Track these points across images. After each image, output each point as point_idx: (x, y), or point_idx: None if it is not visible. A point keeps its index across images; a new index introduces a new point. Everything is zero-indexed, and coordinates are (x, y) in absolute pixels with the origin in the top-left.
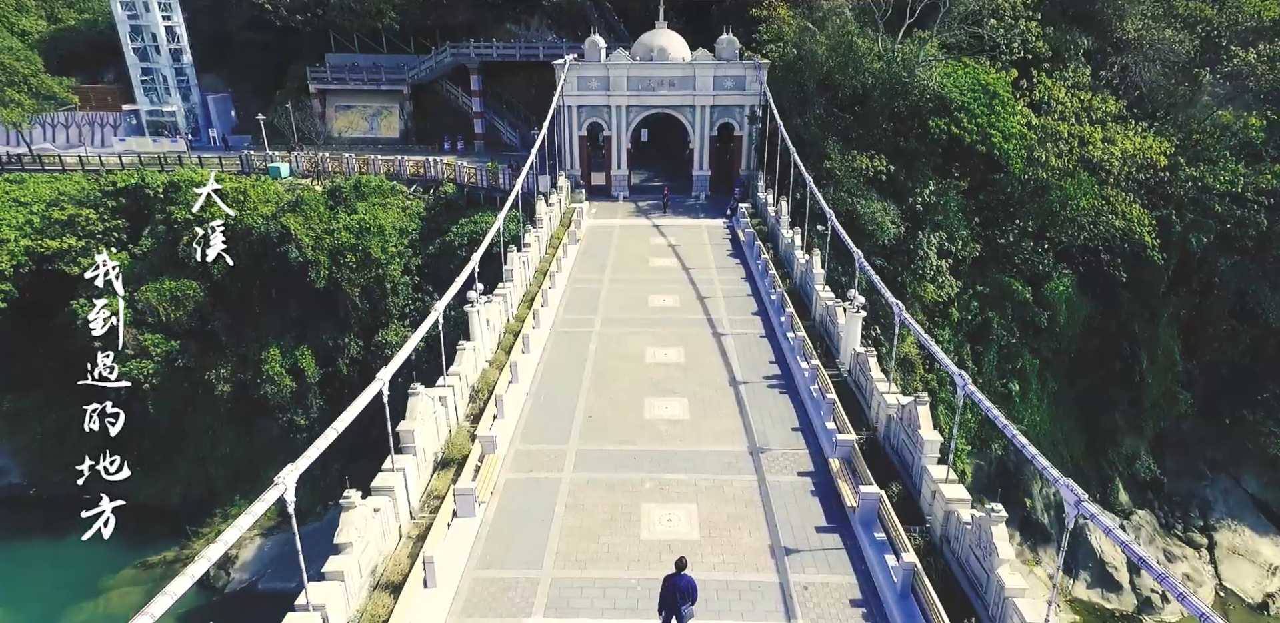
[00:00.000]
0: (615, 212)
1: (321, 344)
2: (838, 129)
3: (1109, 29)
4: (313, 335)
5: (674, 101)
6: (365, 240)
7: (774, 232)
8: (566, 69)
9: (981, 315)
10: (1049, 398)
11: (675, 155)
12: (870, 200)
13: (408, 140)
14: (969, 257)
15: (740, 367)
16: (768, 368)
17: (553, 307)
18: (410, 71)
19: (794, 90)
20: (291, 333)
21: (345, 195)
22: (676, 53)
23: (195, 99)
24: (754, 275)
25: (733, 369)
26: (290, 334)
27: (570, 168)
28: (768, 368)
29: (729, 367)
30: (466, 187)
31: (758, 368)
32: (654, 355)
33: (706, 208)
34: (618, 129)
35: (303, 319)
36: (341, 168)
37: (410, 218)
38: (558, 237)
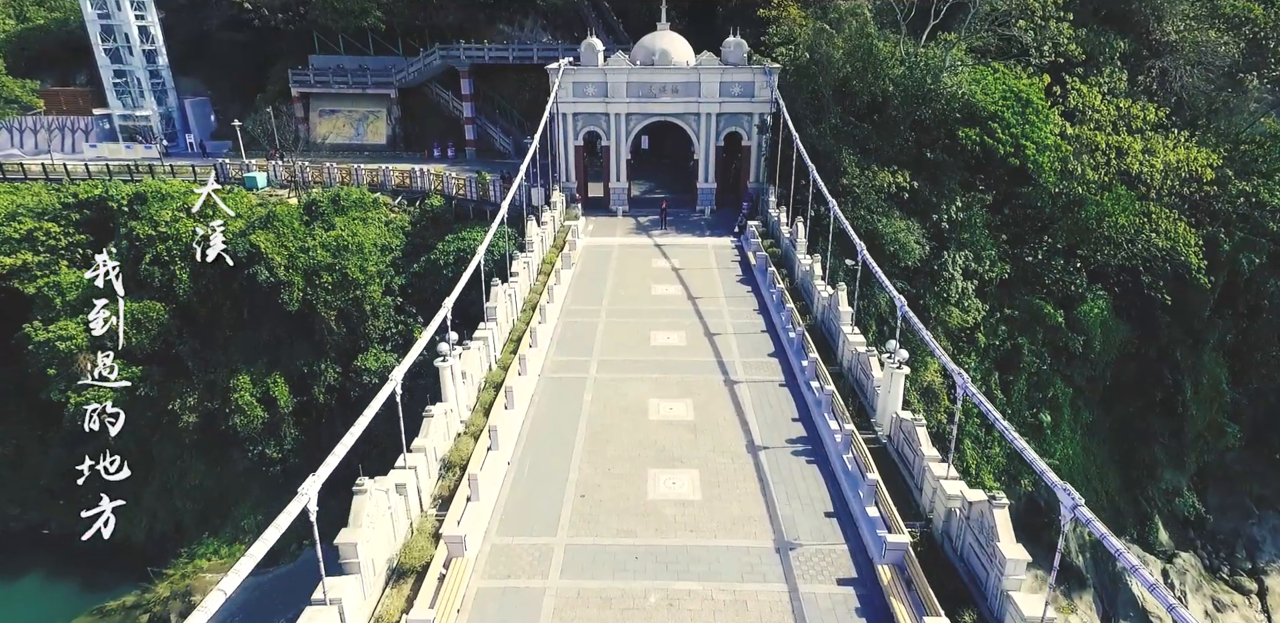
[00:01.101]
0: (614, 228)
1: (296, 370)
2: (855, 139)
3: (1146, 31)
4: (286, 361)
5: (677, 109)
6: (343, 259)
7: (789, 255)
8: (561, 74)
9: (1010, 341)
10: (1082, 429)
11: (678, 164)
12: (892, 218)
13: (395, 147)
14: (996, 277)
15: (759, 426)
16: (791, 428)
17: (542, 347)
18: (398, 74)
19: (807, 97)
20: (263, 358)
21: (322, 209)
22: (680, 56)
23: (171, 103)
24: (768, 306)
25: (750, 430)
26: (262, 360)
27: (565, 180)
28: (791, 428)
29: (746, 426)
30: (455, 199)
31: (779, 428)
32: (658, 410)
33: (712, 224)
34: (616, 138)
35: (276, 343)
36: (322, 178)
37: (394, 233)
38: (550, 260)
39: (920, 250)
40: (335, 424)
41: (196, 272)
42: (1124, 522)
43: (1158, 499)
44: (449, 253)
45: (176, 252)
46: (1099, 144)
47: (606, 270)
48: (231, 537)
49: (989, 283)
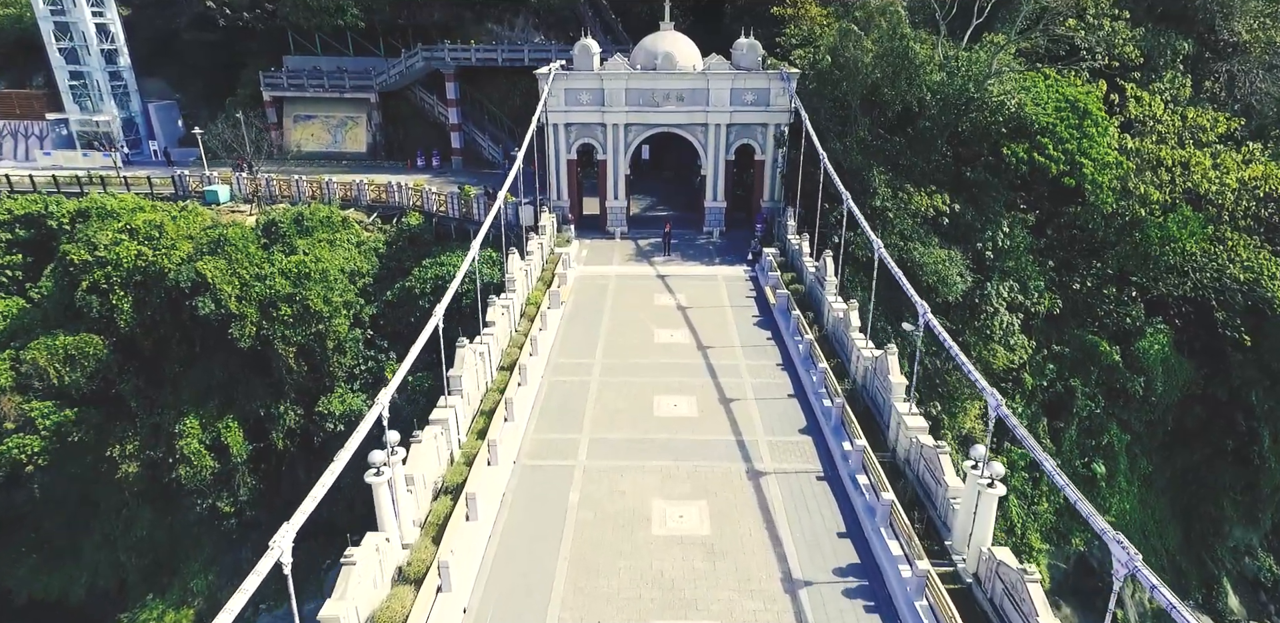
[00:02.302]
0: (611, 253)
1: (252, 412)
2: (885, 155)
3: (1211, 30)
4: (242, 401)
5: (682, 119)
6: (304, 288)
7: (814, 295)
8: (551, 79)
9: (1060, 382)
10: (1140, 481)
11: (682, 177)
12: (930, 246)
13: (376, 155)
14: (1044, 310)
15: (796, 547)
16: (838, 549)
17: (520, 421)
18: (378, 77)
19: (830, 107)
20: (215, 399)
21: (283, 231)
22: (685, 60)
23: (135, 107)
24: (793, 360)
25: (786, 553)
26: (214, 401)
27: (557, 198)
28: (838, 549)
29: (779, 545)
30: (435, 216)
31: (823, 550)
32: (664, 519)
33: (722, 249)
34: (614, 152)
35: (230, 381)
36: (291, 191)
37: (365, 256)
38: (534, 300)
39: (962, 284)
40: (297, 472)
41: (140, 300)
42: (1187, 584)
43: (1226, 560)
44: (425, 280)
45: (117, 278)
46: (1163, 159)
47: (602, 310)
48: (179, 599)
49: (1034, 316)
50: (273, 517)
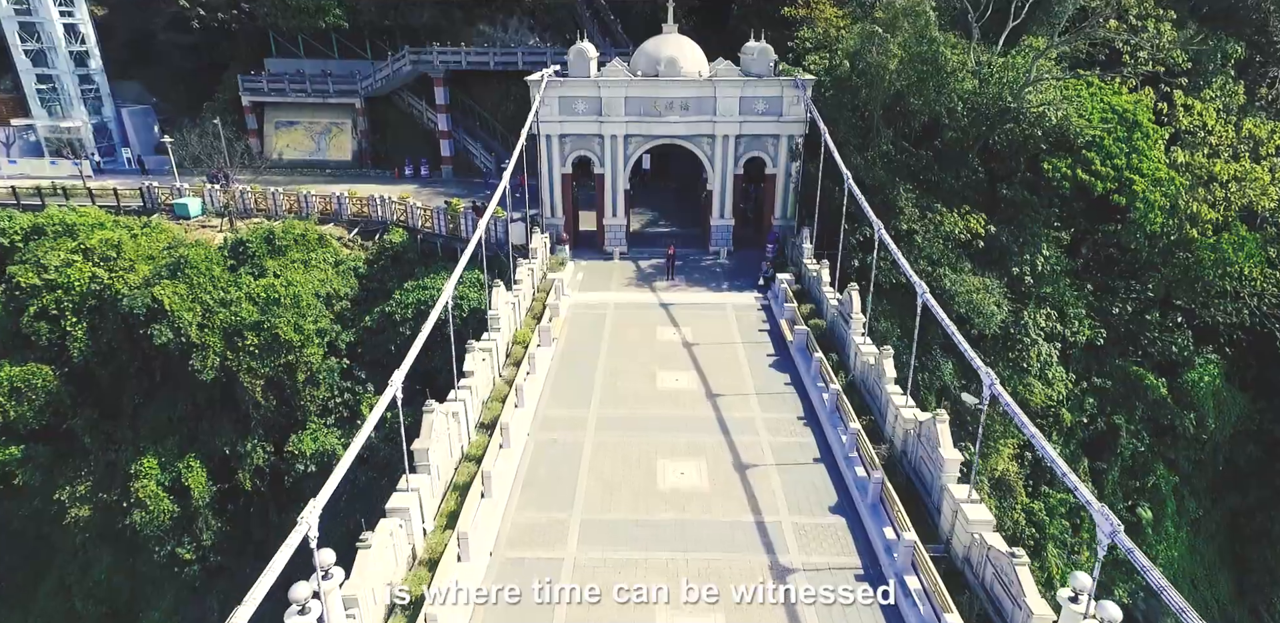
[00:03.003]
0: (609, 277)
1: (216, 449)
2: (910, 170)
3: (1264, 32)
4: (205, 438)
5: (686, 130)
6: (273, 315)
7: (837, 332)
8: (544, 86)
9: (1102, 417)
10: (1188, 525)
11: (686, 187)
12: (962, 272)
13: (362, 163)
14: (1085, 340)
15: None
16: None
17: (499, 499)
18: (363, 81)
19: (849, 117)
20: (177, 434)
21: (251, 251)
22: (690, 65)
23: (108, 112)
24: (817, 413)
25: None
26: (175, 437)
27: (551, 215)
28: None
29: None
30: (421, 233)
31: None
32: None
33: (731, 271)
34: (613, 165)
35: (195, 414)
36: (267, 204)
37: (344, 276)
38: (523, 339)
39: (1000, 315)
40: (267, 513)
41: (95, 327)
42: None
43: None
44: (407, 305)
45: (69, 303)
46: (1216, 174)
47: (599, 348)
48: None
49: (1073, 345)
50: (242, 562)
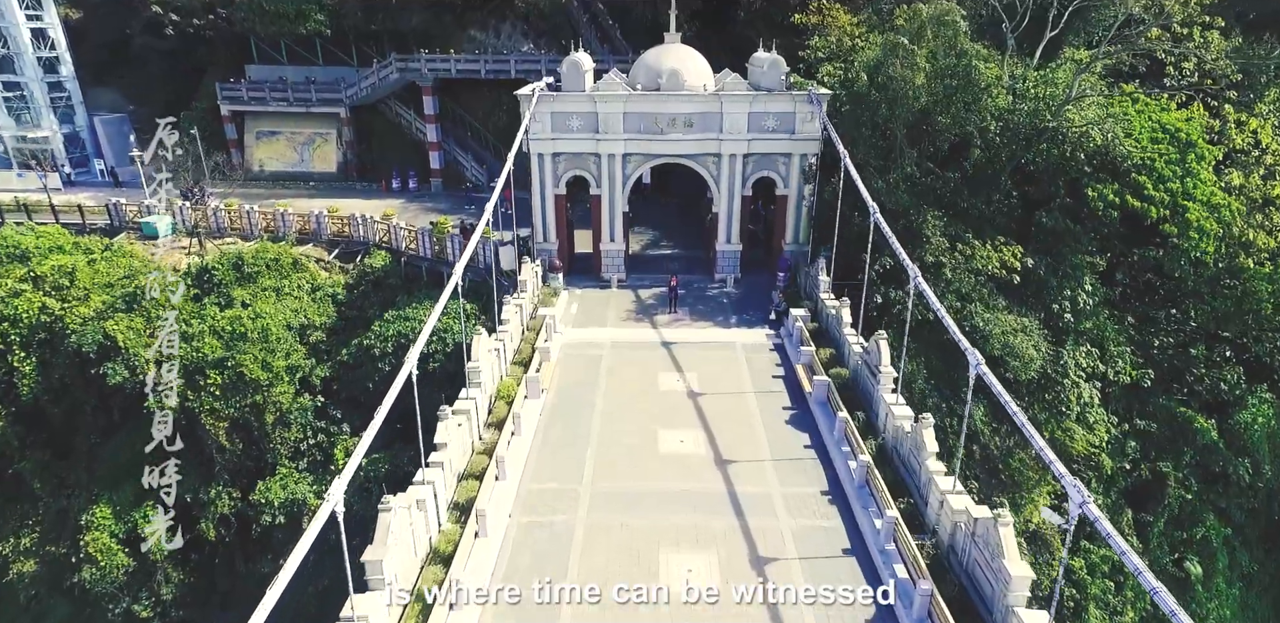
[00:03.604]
0: (606, 308)
1: (178, 496)
2: (936, 194)
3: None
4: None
5: (691, 149)
6: (238, 351)
7: (863, 386)
8: (535, 101)
9: (1146, 463)
10: (1241, 581)
11: (690, 203)
12: (996, 310)
13: (348, 175)
14: (1128, 379)
15: None
16: None
17: (471, 613)
18: (348, 90)
19: (869, 135)
20: (133, 480)
21: (218, 279)
22: (694, 78)
23: (80, 121)
24: (843, 487)
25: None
26: (132, 481)
27: (543, 239)
28: None
29: None
30: (405, 255)
31: None
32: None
33: (738, 303)
34: (610, 186)
35: (154, 457)
36: (241, 223)
37: (320, 304)
38: (507, 393)
39: (1039, 359)
40: (233, 563)
41: (46, 362)
42: None
43: None
44: (387, 338)
45: (16, 337)
46: (1274, 198)
47: (593, 400)
48: None
49: (1113, 383)
50: (206, 614)
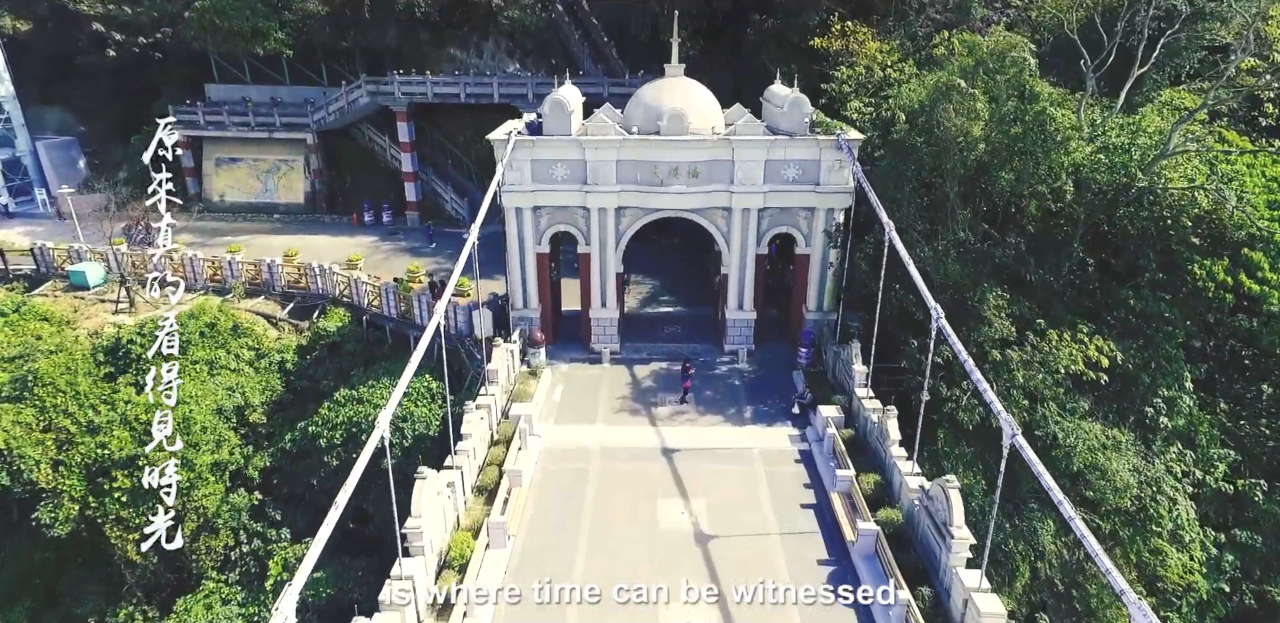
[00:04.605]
0: (596, 394)
1: (79, 619)
2: (995, 264)
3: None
4: (70, 601)
5: (696, 202)
6: (153, 447)
7: (922, 539)
8: (511, 147)
9: (1248, 584)
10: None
11: (691, 244)
12: (1074, 418)
13: (316, 206)
14: (1227, 487)
15: None
16: None
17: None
18: (315, 114)
19: (910, 190)
20: (30, 598)
21: (136, 353)
22: (700, 119)
23: (22, 145)
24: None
25: None
26: (28, 600)
27: (522, 305)
28: None
29: None
30: (367, 313)
31: None
32: None
33: (753, 385)
34: (601, 244)
35: (57, 562)
36: (184, 271)
37: (265, 375)
38: (460, 556)
39: (1134, 487)
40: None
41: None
42: None
43: None
44: (336, 426)
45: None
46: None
47: (574, 547)
48: None
49: (1203, 485)
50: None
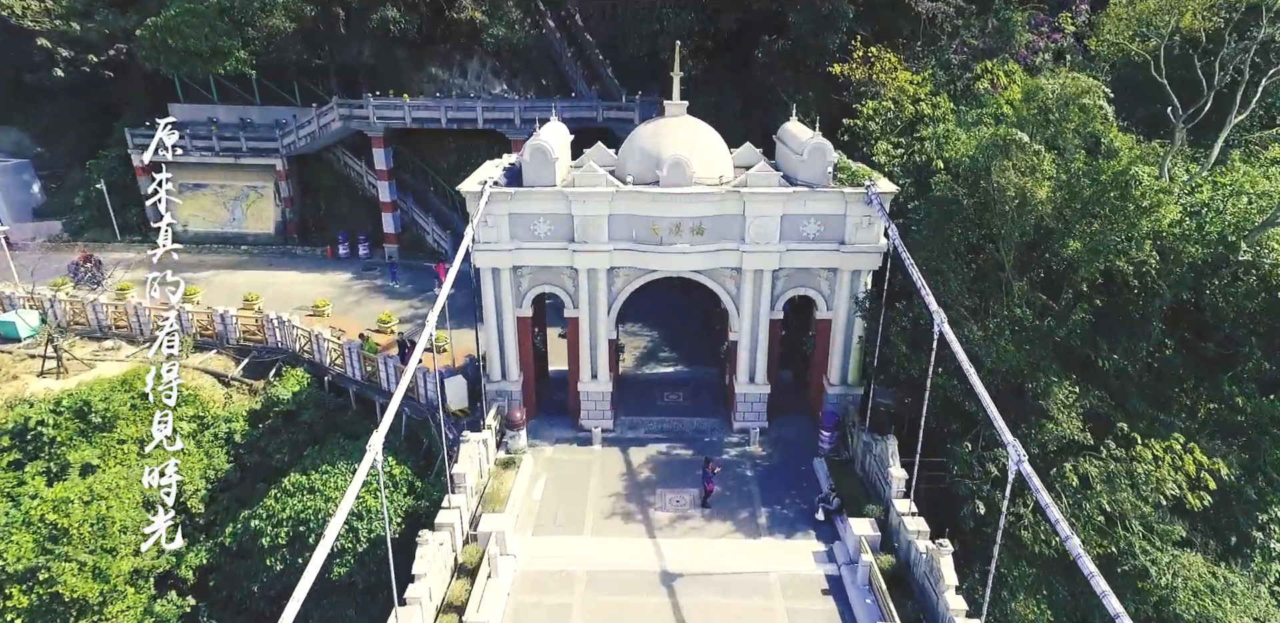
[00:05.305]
0: (583, 494)
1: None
2: (1057, 346)
3: None
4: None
5: (701, 263)
6: (56, 558)
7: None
8: (485, 201)
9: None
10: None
11: (693, 287)
12: (1170, 544)
13: (287, 236)
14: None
15: None
16: None
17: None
18: (285, 138)
19: (953, 252)
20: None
21: (49, 437)
22: (705, 166)
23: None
24: None
25: None
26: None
27: (500, 377)
28: None
29: None
30: (330, 372)
31: None
32: None
33: (768, 480)
34: (591, 308)
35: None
36: (125, 323)
37: (210, 447)
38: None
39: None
40: None
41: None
42: None
43: None
44: (281, 522)
45: None
46: None
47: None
48: None
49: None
50: None
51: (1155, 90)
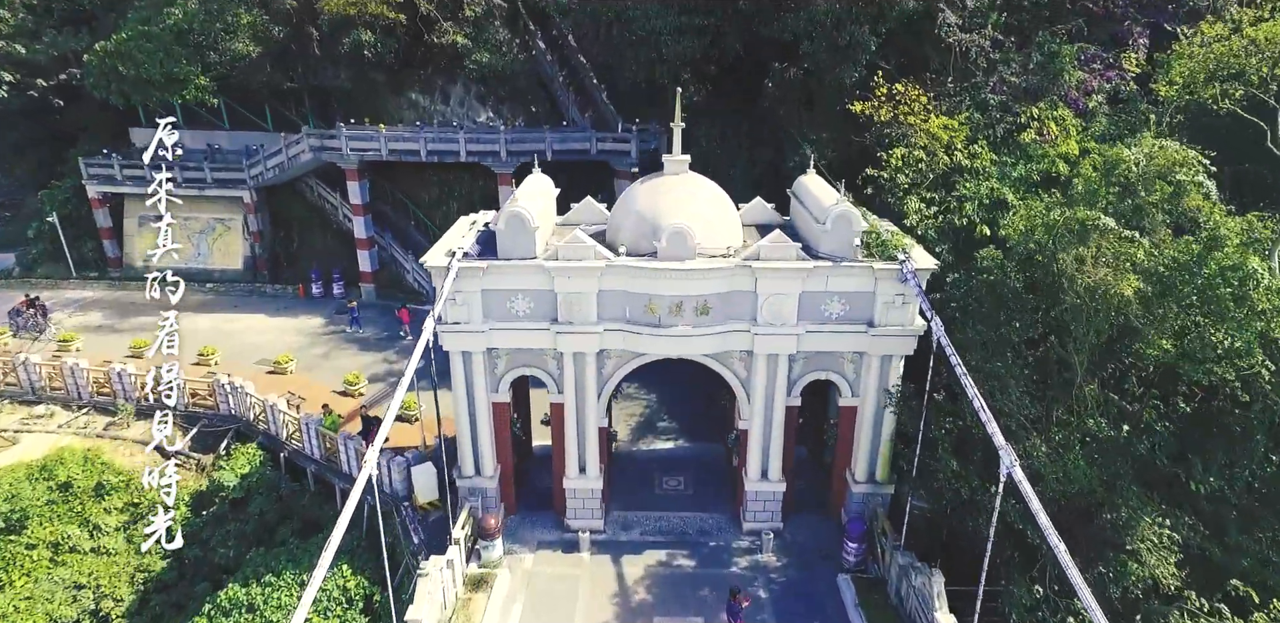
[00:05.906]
0: (570, 615)
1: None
2: (1141, 470)
3: None
4: None
5: (706, 346)
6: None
7: None
8: (454, 276)
9: None
10: None
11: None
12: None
13: (256, 272)
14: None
15: None
16: None
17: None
18: (252, 169)
19: (1014, 359)
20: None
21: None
22: (711, 234)
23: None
24: None
25: None
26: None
27: (473, 472)
28: None
29: None
30: (287, 447)
31: None
32: None
33: (782, 595)
34: (579, 392)
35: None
36: (62, 382)
37: (136, 553)
38: None
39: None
40: None
41: None
42: None
43: None
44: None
45: None
46: None
47: None
48: None
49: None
50: None
51: (1241, 144)
